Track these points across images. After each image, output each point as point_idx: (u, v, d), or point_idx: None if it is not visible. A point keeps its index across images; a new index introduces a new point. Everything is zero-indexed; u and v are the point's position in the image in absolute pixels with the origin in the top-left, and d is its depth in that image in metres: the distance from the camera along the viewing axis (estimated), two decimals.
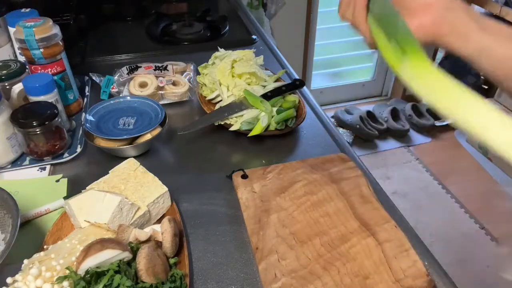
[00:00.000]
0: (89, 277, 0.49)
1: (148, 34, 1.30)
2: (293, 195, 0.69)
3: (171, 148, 0.84)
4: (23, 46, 0.80)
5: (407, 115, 2.54)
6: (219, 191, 0.72)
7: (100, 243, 0.52)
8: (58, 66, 0.84)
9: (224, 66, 0.89)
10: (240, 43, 1.21)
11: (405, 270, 0.56)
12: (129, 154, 0.78)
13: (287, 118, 0.83)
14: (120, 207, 0.58)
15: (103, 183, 0.65)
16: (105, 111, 0.84)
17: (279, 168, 0.75)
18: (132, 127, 0.80)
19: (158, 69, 0.96)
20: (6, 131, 0.74)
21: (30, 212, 0.66)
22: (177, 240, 0.58)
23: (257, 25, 1.38)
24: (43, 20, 0.81)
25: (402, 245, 0.59)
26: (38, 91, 0.78)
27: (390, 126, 2.45)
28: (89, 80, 1.02)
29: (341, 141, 0.85)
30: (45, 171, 0.76)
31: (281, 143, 0.84)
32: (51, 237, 0.60)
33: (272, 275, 0.56)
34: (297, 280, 0.55)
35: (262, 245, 0.60)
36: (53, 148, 0.77)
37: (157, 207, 0.64)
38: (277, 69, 1.07)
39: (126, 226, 0.57)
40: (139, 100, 0.86)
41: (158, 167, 0.73)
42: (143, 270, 0.50)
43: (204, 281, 0.57)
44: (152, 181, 0.66)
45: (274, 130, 0.82)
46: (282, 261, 0.58)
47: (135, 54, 1.17)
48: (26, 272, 0.50)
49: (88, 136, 0.79)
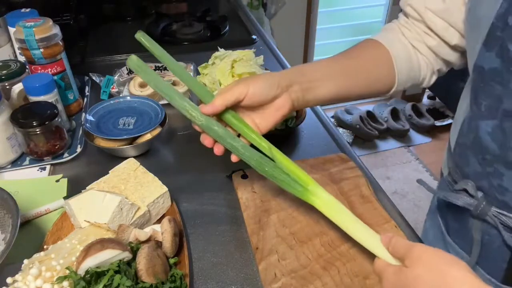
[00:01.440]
0: (89, 277, 0.49)
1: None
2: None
3: (171, 148, 0.84)
4: (23, 46, 0.80)
5: (407, 115, 2.54)
6: (219, 191, 0.72)
7: (100, 243, 0.52)
8: (58, 66, 0.84)
9: (224, 66, 0.89)
10: (240, 43, 1.21)
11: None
12: (129, 154, 0.78)
13: (287, 118, 0.83)
14: (120, 207, 0.58)
15: (103, 183, 0.65)
16: (105, 111, 0.84)
17: None
18: (132, 127, 0.80)
19: (158, 69, 0.96)
20: (6, 131, 0.74)
21: (30, 212, 0.66)
22: (177, 240, 0.58)
23: (257, 25, 1.38)
24: (43, 20, 0.81)
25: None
26: (38, 91, 0.78)
27: (390, 126, 2.45)
28: (89, 80, 1.02)
29: (341, 141, 0.85)
30: (45, 171, 0.76)
31: (281, 143, 0.84)
32: (51, 237, 0.60)
33: (272, 275, 0.56)
34: (297, 280, 0.55)
35: (262, 245, 0.60)
36: (53, 148, 0.77)
37: (157, 207, 0.64)
38: (277, 69, 1.07)
39: (126, 226, 0.57)
40: (139, 100, 0.86)
41: (158, 167, 0.73)
42: (143, 270, 0.50)
43: (204, 281, 0.57)
44: (152, 181, 0.66)
45: (274, 130, 0.82)
46: (282, 261, 0.58)
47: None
48: (26, 272, 0.50)
49: (88, 136, 0.79)
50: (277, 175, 0.57)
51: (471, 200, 0.62)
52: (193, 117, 0.57)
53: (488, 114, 0.57)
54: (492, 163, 0.58)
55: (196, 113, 0.56)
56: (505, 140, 0.55)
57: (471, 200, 0.62)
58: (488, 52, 0.54)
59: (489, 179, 0.59)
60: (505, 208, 0.59)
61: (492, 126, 0.56)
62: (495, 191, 0.59)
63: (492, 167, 0.58)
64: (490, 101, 0.56)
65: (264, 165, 0.57)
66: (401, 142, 2.43)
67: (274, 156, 0.58)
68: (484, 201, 0.60)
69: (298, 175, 0.57)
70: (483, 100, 0.57)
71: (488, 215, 0.60)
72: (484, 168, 0.60)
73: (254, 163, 0.58)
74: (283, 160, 0.58)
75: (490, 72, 0.54)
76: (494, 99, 0.55)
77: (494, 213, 0.60)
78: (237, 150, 0.58)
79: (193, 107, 0.57)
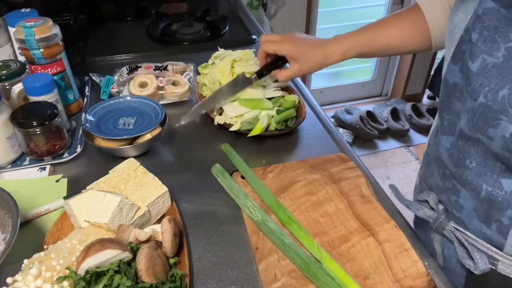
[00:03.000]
0: (89, 277, 0.49)
1: (148, 34, 1.30)
2: (293, 195, 0.69)
3: (171, 148, 0.84)
4: (23, 46, 0.80)
5: (407, 115, 2.54)
6: (219, 191, 0.72)
7: (100, 243, 0.52)
8: (58, 66, 0.84)
9: (224, 66, 0.89)
10: (240, 43, 1.21)
11: (405, 270, 0.56)
12: (129, 154, 0.78)
13: (287, 118, 0.83)
14: (120, 207, 0.58)
15: (103, 183, 0.65)
16: (105, 111, 0.84)
17: (279, 168, 0.75)
18: (132, 127, 0.80)
19: (158, 69, 0.96)
20: (6, 131, 0.74)
21: (30, 212, 0.66)
22: (177, 240, 0.58)
23: (257, 25, 1.38)
24: (43, 20, 0.81)
25: (402, 245, 0.59)
26: (38, 91, 0.78)
27: (390, 126, 2.45)
28: (89, 80, 1.02)
29: (341, 141, 0.85)
30: (45, 171, 0.76)
31: (281, 143, 0.84)
32: (51, 237, 0.60)
33: (272, 275, 0.56)
34: (297, 280, 0.55)
35: (262, 245, 0.60)
36: (53, 148, 0.77)
37: (157, 207, 0.64)
38: None
39: (126, 226, 0.57)
40: (139, 100, 0.86)
41: (158, 167, 0.73)
42: (143, 270, 0.50)
43: (204, 281, 0.57)
44: (152, 181, 0.66)
45: (274, 130, 0.82)
46: (282, 261, 0.58)
47: (135, 54, 1.17)
48: (26, 272, 0.50)
49: (88, 136, 0.79)
50: (320, 276, 0.54)
51: (431, 213, 0.62)
52: (251, 213, 0.63)
53: (448, 130, 0.56)
54: (451, 178, 0.57)
55: (255, 209, 0.63)
56: (460, 159, 0.54)
57: (431, 213, 0.62)
58: (453, 65, 0.53)
59: (448, 194, 0.59)
60: (461, 225, 0.58)
61: (450, 142, 0.56)
62: (453, 207, 0.59)
63: (451, 182, 0.57)
64: (451, 116, 0.55)
65: (310, 265, 0.56)
66: (401, 142, 2.43)
67: (322, 257, 0.57)
68: (443, 215, 0.60)
69: (345, 281, 0.54)
70: (446, 114, 0.56)
71: (446, 229, 0.60)
72: (444, 182, 0.59)
73: (299, 262, 0.56)
74: (330, 263, 0.56)
75: (452, 86, 0.53)
76: (453, 115, 0.54)
77: (451, 228, 0.59)
78: (285, 245, 0.58)
79: (253, 205, 0.64)
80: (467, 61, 0.49)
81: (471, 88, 0.48)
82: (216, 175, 0.71)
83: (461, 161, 0.54)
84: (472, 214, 0.56)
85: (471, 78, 0.48)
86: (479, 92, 0.47)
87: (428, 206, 0.63)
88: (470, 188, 0.54)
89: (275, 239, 0.59)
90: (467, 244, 0.58)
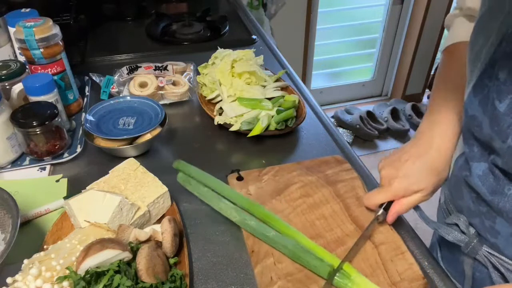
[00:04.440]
0: (89, 277, 0.49)
1: (148, 34, 1.30)
2: (289, 197, 0.68)
3: (171, 148, 0.84)
4: (23, 46, 0.80)
5: (407, 115, 2.54)
6: None
7: (100, 243, 0.52)
8: (58, 66, 0.84)
9: (224, 66, 0.89)
10: (240, 43, 1.21)
11: (401, 273, 0.56)
12: (129, 154, 0.78)
13: (287, 118, 0.83)
14: (120, 207, 0.58)
15: (103, 183, 0.65)
16: (105, 111, 0.84)
17: (275, 170, 0.74)
18: (132, 127, 0.80)
19: (158, 69, 0.96)
20: (6, 131, 0.74)
21: (30, 212, 0.66)
22: (177, 240, 0.58)
23: (257, 25, 1.38)
24: (43, 20, 0.81)
25: (398, 247, 0.59)
26: (38, 91, 0.78)
27: (390, 126, 2.45)
28: (89, 80, 1.02)
29: (341, 141, 0.85)
30: (45, 171, 0.76)
31: (281, 143, 0.84)
32: (51, 237, 0.60)
33: (268, 278, 0.56)
34: (293, 283, 0.55)
35: (257, 248, 0.60)
36: (53, 148, 0.77)
37: (157, 207, 0.64)
38: (277, 69, 1.07)
39: (126, 226, 0.57)
40: (139, 100, 0.86)
41: (158, 167, 0.73)
42: (143, 270, 0.50)
43: (204, 281, 0.57)
44: (152, 181, 0.66)
45: (274, 130, 0.82)
46: (278, 264, 0.58)
47: (135, 54, 1.17)
48: (26, 272, 0.50)
49: (88, 136, 0.79)
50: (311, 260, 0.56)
51: (462, 237, 0.59)
52: (229, 215, 0.64)
53: (479, 158, 0.54)
54: (485, 205, 0.55)
55: (231, 211, 0.64)
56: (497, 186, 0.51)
57: (462, 237, 0.59)
58: (474, 97, 0.51)
59: (482, 219, 0.56)
60: (496, 250, 0.56)
61: (483, 170, 0.53)
62: (487, 232, 0.56)
63: (486, 207, 0.55)
64: (479, 148, 0.53)
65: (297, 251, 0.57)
66: (401, 142, 2.43)
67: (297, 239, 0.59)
68: (476, 239, 0.58)
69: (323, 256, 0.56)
70: (473, 142, 0.54)
71: (479, 254, 0.58)
72: (477, 207, 0.57)
73: (286, 251, 0.58)
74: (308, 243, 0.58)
75: (471, 118, 0.51)
76: (482, 146, 0.52)
77: (484, 253, 0.57)
78: (268, 239, 0.60)
79: (229, 207, 0.65)
80: (493, 99, 0.47)
81: (499, 129, 0.47)
82: (183, 183, 0.70)
83: (499, 188, 0.51)
84: (509, 240, 0.53)
85: (499, 119, 0.46)
86: (508, 134, 0.46)
87: (458, 229, 0.60)
88: (508, 216, 0.51)
89: (259, 236, 0.60)
90: (503, 269, 0.55)
